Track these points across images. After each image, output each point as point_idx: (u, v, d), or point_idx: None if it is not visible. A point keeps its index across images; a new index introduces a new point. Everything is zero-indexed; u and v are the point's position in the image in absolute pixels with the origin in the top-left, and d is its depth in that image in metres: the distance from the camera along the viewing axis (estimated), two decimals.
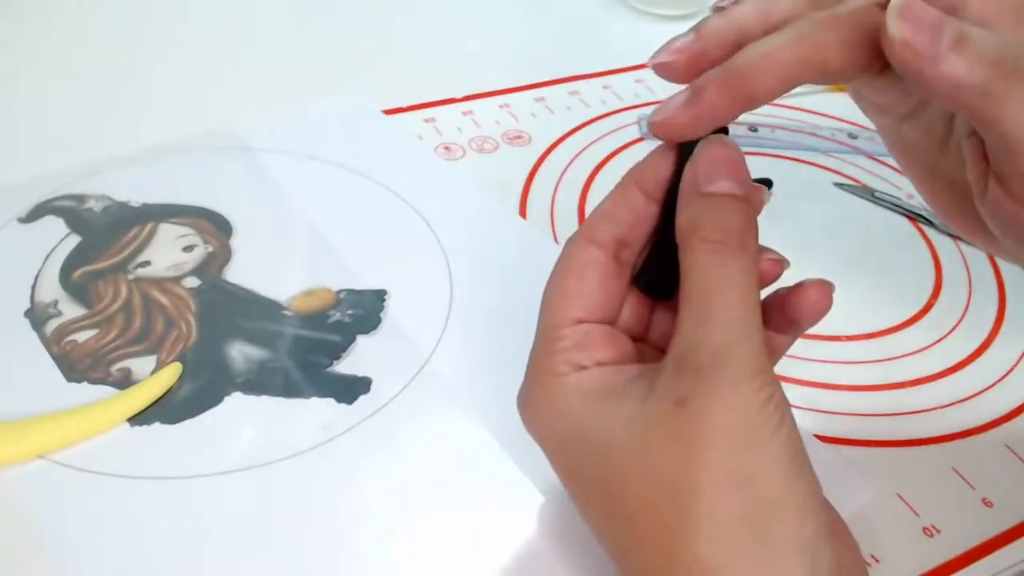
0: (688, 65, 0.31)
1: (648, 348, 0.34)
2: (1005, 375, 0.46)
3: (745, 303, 0.29)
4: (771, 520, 0.28)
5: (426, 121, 0.59)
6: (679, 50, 0.31)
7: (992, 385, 0.46)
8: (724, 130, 0.31)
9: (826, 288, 0.32)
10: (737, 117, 0.31)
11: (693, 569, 0.28)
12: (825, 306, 0.32)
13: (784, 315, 0.33)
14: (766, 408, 0.28)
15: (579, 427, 0.31)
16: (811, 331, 0.34)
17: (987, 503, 0.40)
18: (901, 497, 0.40)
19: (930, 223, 0.55)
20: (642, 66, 0.67)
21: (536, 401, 0.33)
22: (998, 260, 0.54)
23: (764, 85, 0.30)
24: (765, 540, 0.27)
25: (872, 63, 0.30)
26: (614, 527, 0.30)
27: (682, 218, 0.31)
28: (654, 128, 0.31)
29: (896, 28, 0.28)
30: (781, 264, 0.33)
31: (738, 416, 0.28)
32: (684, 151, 0.32)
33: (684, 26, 0.32)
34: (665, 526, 0.28)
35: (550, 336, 0.32)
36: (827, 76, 0.30)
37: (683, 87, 0.31)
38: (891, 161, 0.52)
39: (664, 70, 0.31)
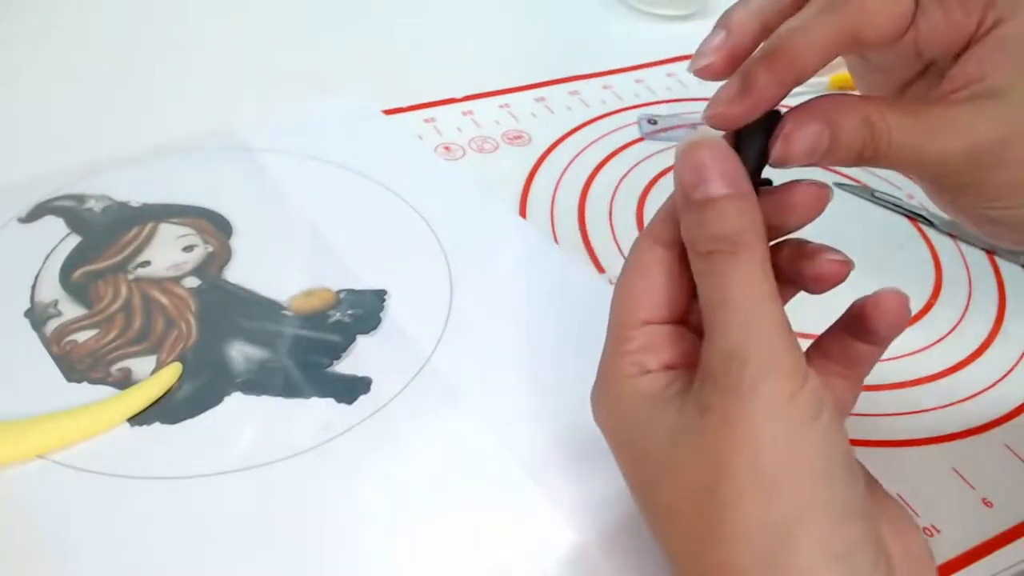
0: (727, 61, 0.31)
1: None
2: (1005, 375, 0.46)
3: (750, 305, 0.29)
4: (799, 527, 0.27)
5: (426, 121, 0.59)
6: (716, 49, 0.32)
7: (992, 385, 0.46)
8: (775, 112, 0.31)
9: (901, 298, 0.32)
10: (787, 95, 0.30)
11: (721, 574, 0.28)
12: (903, 314, 0.32)
13: (863, 325, 0.33)
14: (790, 409, 0.28)
15: (633, 428, 0.31)
16: (812, 331, 0.34)
17: (987, 503, 0.40)
18: (901, 497, 0.40)
19: (930, 223, 0.55)
20: (642, 66, 0.67)
21: (603, 400, 0.33)
22: (998, 260, 0.54)
23: (806, 60, 0.30)
24: (793, 548, 0.27)
25: (900, 28, 0.31)
26: (654, 525, 0.31)
27: (682, 232, 0.31)
28: (711, 121, 0.31)
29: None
30: (846, 265, 0.32)
31: (758, 422, 0.28)
32: (741, 137, 0.31)
33: (684, 26, 0.32)
34: (693, 534, 0.29)
35: (619, 337, 0.33)
36: (859, 44, 0.31)
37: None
38: None
39: (706, 73, 0.32)
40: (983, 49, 0.32)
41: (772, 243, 0.32)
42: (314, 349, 0.43)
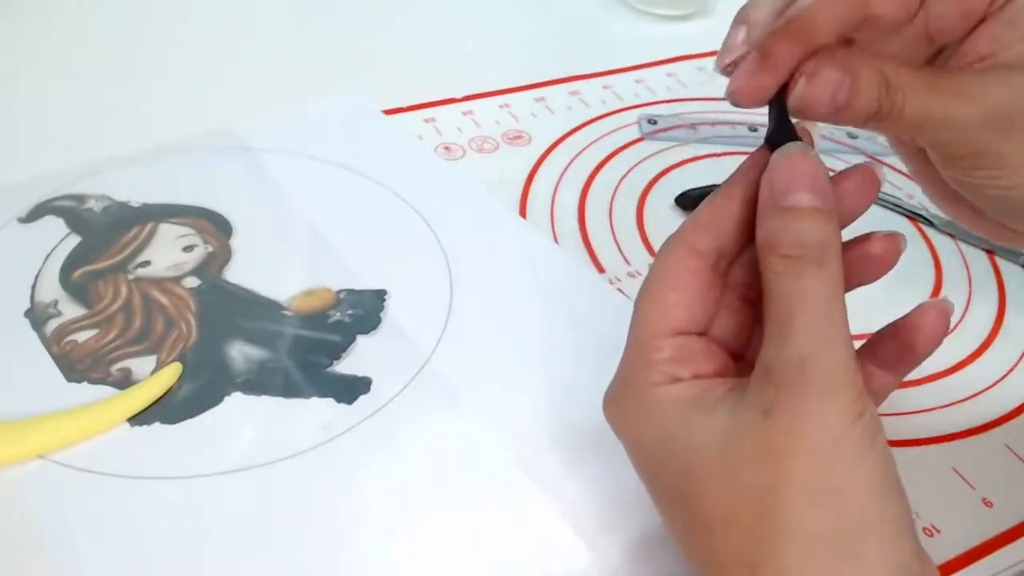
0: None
1: (746, 365, 0.33)
2: (1005, 375, 0.46)
3: (828, 316, 0.29)
4: (863, 539, 0.27)
5: (426, 121, 0.59)
6: (742, 43, 0.32)
7: (992, 385, 0.46)
8: (794, 135, 0.32)
9: (944, 308, 0.33)
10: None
11: None
12: (943, 328, 0.33)
13: (898, 342, 0.33)
14: (857, 425, 0.28)
15: (668, 436, 0.31)
16: None
17: (987, 503, 0.40)
18: None
19: (930, 223, 0.55)
20: (642, 66, 0.67)
21: (626, 407, 0.32)
22: (998, 260, 0.54)
23: (821, 30, 0.30)
24: (856, 559, 0.27)
25: (911, 6, 0.32)
26: (696, 536, 0.30)
27: (760, 234, 0.30)
28: (733, 97, 0.31)
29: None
30: (895, 239, 0.33)
31: (826, 431, 0.28)
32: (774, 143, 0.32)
33: (684, 26, 0.32)
34: (746, 539, 0.28)
35: (648, 346, 0.32)
36: (871, 21, 0.31)
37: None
38: (891, 161, 0.52)
39: (734, 69, 0.32)
40: (993, 26, 0.32)
41: None
42: (314, 349, 0.43)
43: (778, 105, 0.32)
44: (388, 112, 0.60)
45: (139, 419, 0.39)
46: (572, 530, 0.37)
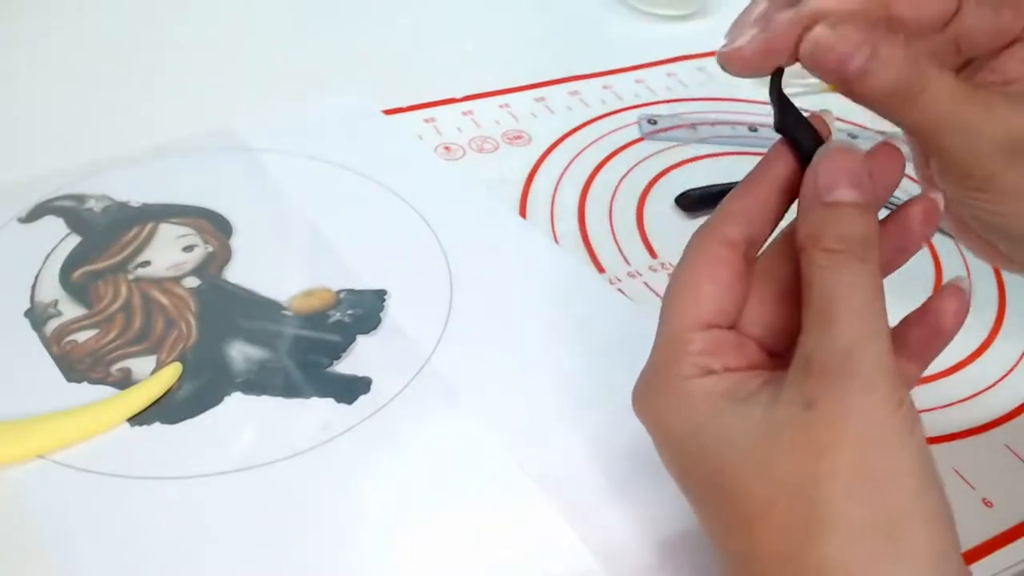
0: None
1: (782, 362, 0.33)
2: (1005, 375, 0.46)
3: (871, 309, 0.29)
4: (905, 528, 0.27)
5: (426, 121, 0.59)
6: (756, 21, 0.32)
7: (992, 385, 0.46)
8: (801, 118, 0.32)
9: (962, 285, 0.33)
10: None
11: (819, 572, 0.27)
12: (967, 301, 0.32)
13: (925, 324, 0.32)
14: (897, 414, 0.28)
15: (702, 429, 0.31)
16: None
17: (987, 503, 0.40)
18: None
19: None
20: (642, 66, 0.67)
21: (657, 399, 0.32)
22: None
23: (831, 9, 0.30)
24: (900, 548, 0.27)
25: (936, 17, 0.32)
26: (731, 530, 0.30)
27: (803, 228, 0.30)
28: (721, 58, 0.32)
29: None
30: (933, 201, 0.32)
31: (869, 421, 0.28)
32: (807, 138, 0.32)
33: (684, 26, 0.32)
34: (785, 530, 0.28)
35: (680, 338, 0.32)
36: (890, 17, 0.32)
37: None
38: None
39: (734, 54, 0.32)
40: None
41: None
42: (314, 349, 0.43)
43: (776, 91, 0.32)
44: (388, 112, 0.60)
45: (139, 419, 0.39)
46: (572, 530, 0.37)
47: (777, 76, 0.32)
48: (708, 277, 0.32)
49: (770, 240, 0.34)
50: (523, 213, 0.53)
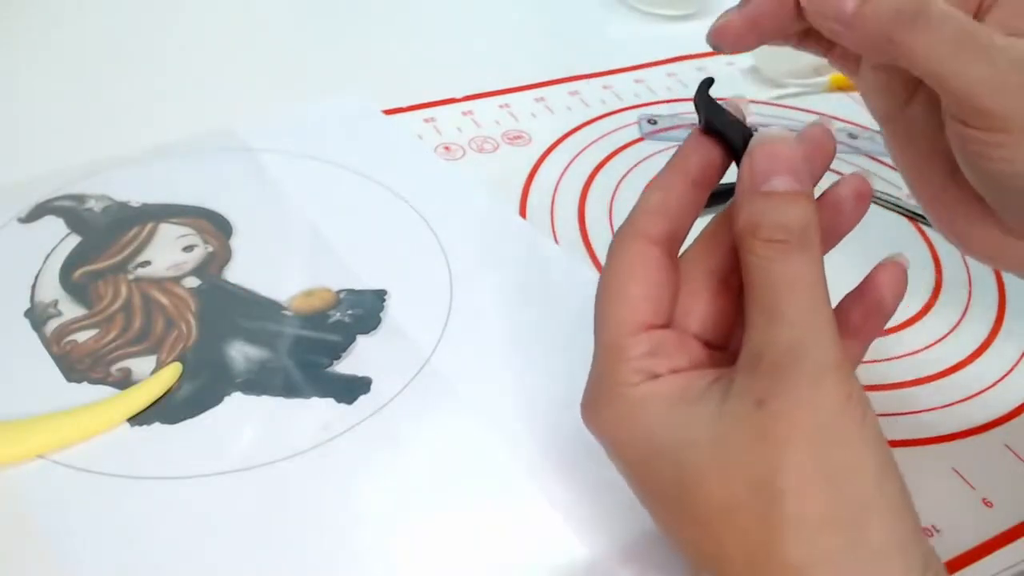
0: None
1: (724, 355, 0.33)
2: (1005, 375, 0.46)
3: (815, 300, 0.29)
4: (863, 520, 0.27)
5: (426, 121, 0.59)
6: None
7: (992, 385, 0.46)
8: (731, 118, 0.32)
9: (899, 260, 0.33)
10: (787, 28, 0.33)
11: (782, 570, 0.27)
12: (904, 276, 0.33)
13: (864, 302, 0.32)
14: (848, 405, 0.28)
15: (655, 435, 0.30)
16: None
17: (987, 503, 0.40)
18: None
19: (930, 223, 0.55)
20: (642, 66, 0.67)
21: (605, 411, 0.32)
22: None
23: None
24: (859, 540, 0.27)
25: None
26: (692, 532, 0.30)
27: (741, 218, 0.30)
28: (712, 36, 0.33)
29: None
30: (864, 180, 0.32)
31: (821, 414, 0.28)
32: (731, 136, 0.32)
33: (684, 26, 0.32)
34: (749, 530, 0.28)
35: (618, 345, 0.32)
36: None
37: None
38: (891, 161, 0.52)
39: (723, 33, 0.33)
40: (999, 14, 0.33)
41: None
42: (314, 349, 0.43)
43: (704, 95, 0.33)
44: (388, 112, 0.60)
45: (139, 419, 0.39)
46: (571, 529, 0.37)
47: (705, 86, 0.33)
48: (636, 278, 0.32)
49: (696, 234, 0.34)
50: (523, 213, 0.53)
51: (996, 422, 0.44)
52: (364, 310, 0.45)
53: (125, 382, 0.40)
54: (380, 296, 0.46)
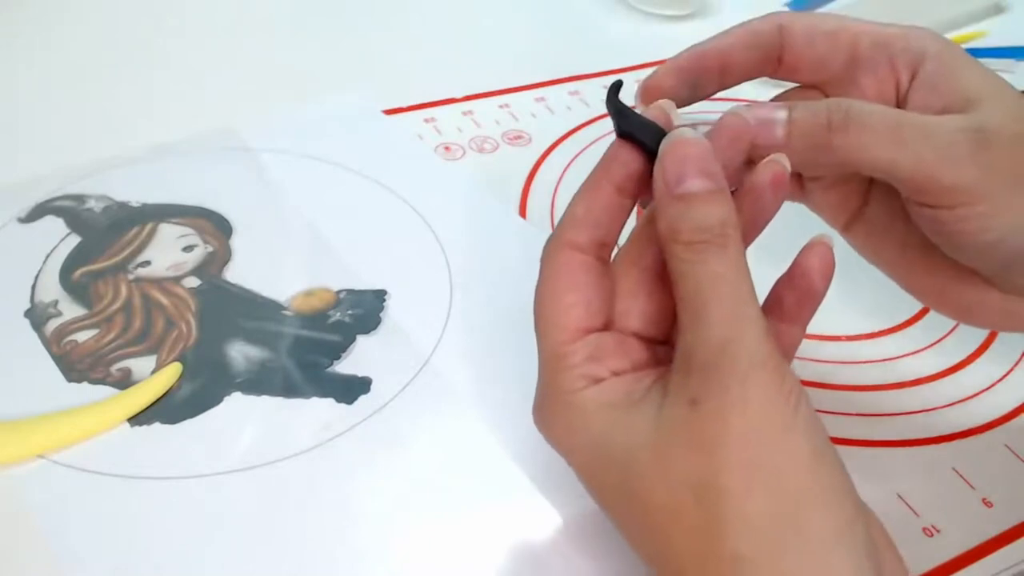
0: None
1: (667, 349, 0.34)
2: (1005, 375, 0.46)
3: (739, 296, 0.29)
4: (803, 511, 0.28)
5: (426, 121, 0.59)
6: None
7: (992, 385, 0.46)
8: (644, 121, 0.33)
9: (825, 241, 0.33)
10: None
11: (730, 568, 0.27)
12: (831, 257, 0.33)
13: (795, 287, 0.33)
14: (779, 398, 0.28)
15: (601, 440, 0.31)
16: (811, 331, 0.34)
17: (987, 503, 0.40)
18: (901, 497, 0.40)
19: None
20: (642, 66, 0.67)
21: (554, 418, 0.32)
22: None
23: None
24: (800, 532, 0.27)
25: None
26: (645, 536, 0.30)
27: (661, 224, 0.31)
28: (642, 94, 0.36)
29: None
30: (780, 166, 0.33)
31: (753, 411, 0.28)
32: (652, 139, 0.32)
33: (684, 26, 0.32)
34: (695, 531, 0.28)
35: (558, 352, 0.32)
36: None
37: None
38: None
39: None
40: (917, 97, 0.35)
41: None
42: (314, 349, 0.43)
43: (614, 99, 0.34)
44: (388, 112, 0.60)
45: (139, 419, 0.39)
46: (572, 529, 0.37)
47: (614, 89, 0.34)
48: (569, 286, 0.32)
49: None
50: (523, 213, 0.53)
51: (996, 422, 0.44)
52: (364, 310, 0.45)
53: (125, 382, 0.40)
54: (380, 296, 0.46)
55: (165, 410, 0.39)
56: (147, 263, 0.46)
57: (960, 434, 0.43)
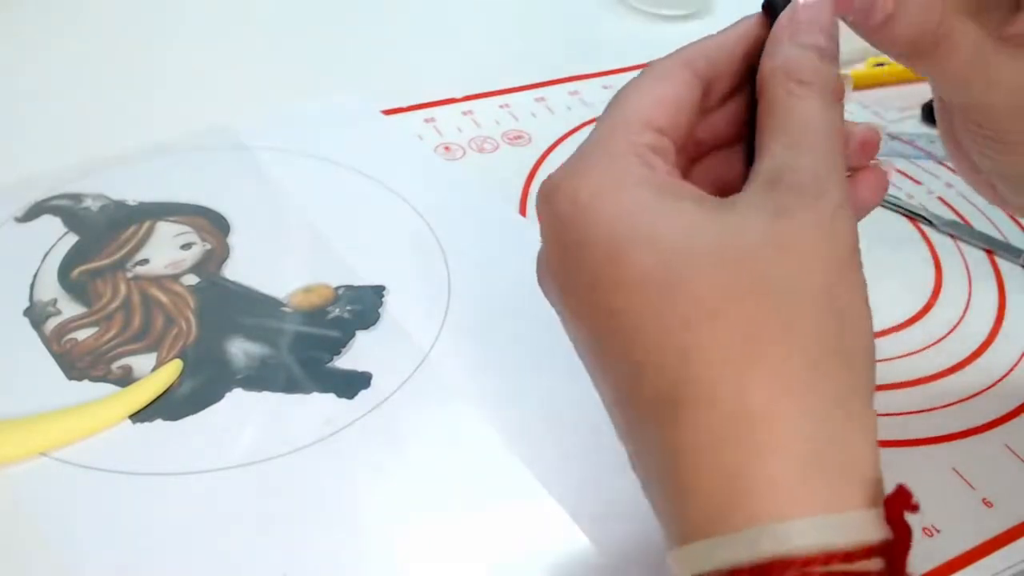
0: None
1: None
2: (1005, 375, 0.46)
3: (839, 148, 0.29)
4: (853, 356, 0.27)
5: (426, 121, 0.59)
6: None
7: (992, 385, 0.46)
8: None
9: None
10: None
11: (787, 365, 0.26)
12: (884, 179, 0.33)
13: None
14: (856, 252, 0.28)
15: (644, 210, 0.28)
16: None
17: (987, 503, 0.40)
18: None
19: (930, 223, 0.55)
20: (642, 66, 0.67)
21: (585, 179, 0.29)
22: (998, 260, 0.54)
23: None
24: (847, 358, 0.27)
25: None
26: (669, 326, 0.27)
27: (775, 60, 0.30)
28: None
29: None
30: (873, 129, 0.33)
31: (840, 246, 0.28)
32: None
33: (684, 26, 0.32)
34: (749, 323, 0.26)
35: (627, 120, 0.30)
36: None
37: None
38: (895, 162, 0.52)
39: None
40: None
41: None
42: (314, 345, 0.43)
43: None
44: (388, 112, 0.60)
45: (140, 416, 0.39)
46: (572, 524, 0.37)
47: None
48: (669, 86, 0.31)
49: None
50: (523, 213, 0.53)
51: (996, 422, 0.44)
52: (363, 306, 0.45)
53: (126, 379, 0.40)
54: (378, 292, 0.46)
55: (167, 407, 0.39)
56: (145, 261, 0.46)
57: (960, 434, 0.43)
